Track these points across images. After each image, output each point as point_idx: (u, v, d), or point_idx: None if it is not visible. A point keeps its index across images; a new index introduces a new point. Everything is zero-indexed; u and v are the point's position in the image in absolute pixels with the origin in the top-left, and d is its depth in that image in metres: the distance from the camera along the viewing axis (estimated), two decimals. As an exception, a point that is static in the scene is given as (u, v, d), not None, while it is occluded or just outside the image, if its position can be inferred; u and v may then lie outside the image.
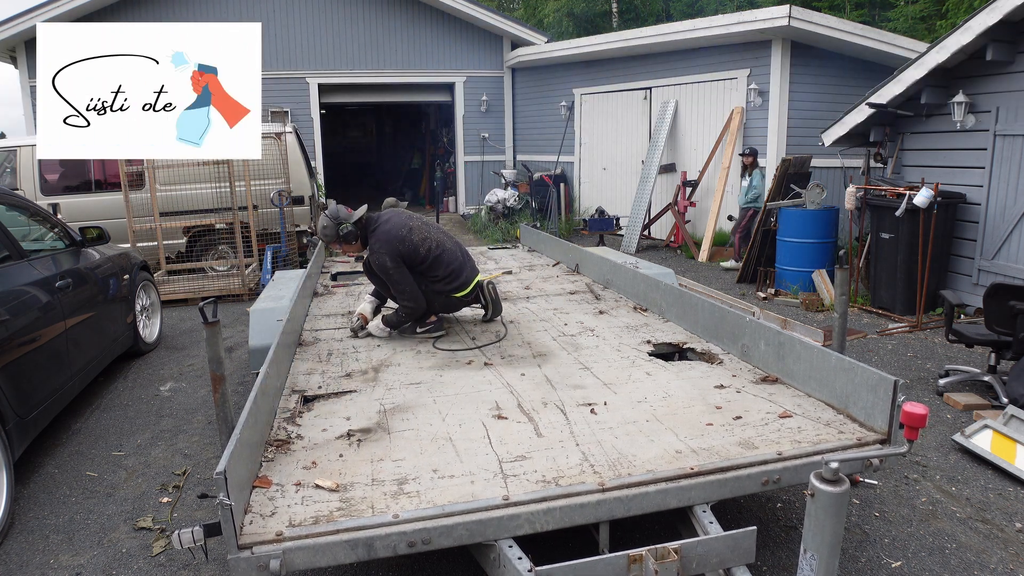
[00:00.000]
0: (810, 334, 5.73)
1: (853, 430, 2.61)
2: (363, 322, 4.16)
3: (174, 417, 4.78)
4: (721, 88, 10.40)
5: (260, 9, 12.75)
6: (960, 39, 6.33)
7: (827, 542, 1.89)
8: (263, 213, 8.95)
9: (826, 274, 7.55)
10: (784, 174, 8.44)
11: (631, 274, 4.78)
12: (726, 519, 3.08)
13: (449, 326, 4.25)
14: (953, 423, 4.37)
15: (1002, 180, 6.41)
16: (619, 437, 2.63)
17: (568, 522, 2.22)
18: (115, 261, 5.63)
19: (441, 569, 2.95)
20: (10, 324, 3.67)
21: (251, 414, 2.35)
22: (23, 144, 8.60)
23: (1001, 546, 3.11)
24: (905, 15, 14.75)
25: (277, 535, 2.02)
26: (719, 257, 10.00)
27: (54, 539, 3.31)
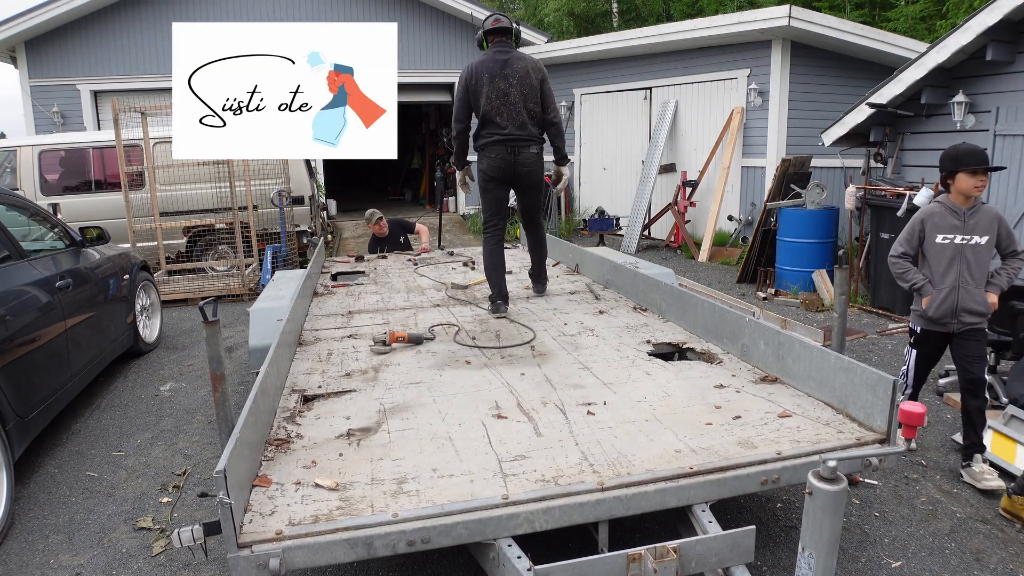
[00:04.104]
0: (810, 334, 5.72)
1: (852, 430, 2.61)
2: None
3: (174, 417, 4.78)
4: (721, 88, 10.40)
5: (260, 9, 12.75)
6: (960, 39, 6.33)
7: (825, 541, 1.89)
8: (263, 213, 8.96)
9: (826, 274, 7.55)
10: (784, 174, 8.44)
11: (631, 274, 4.78)
12: (725, 518, 3.08)
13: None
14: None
15: (1002, 180, 6.41)
16: (618, 437, 2.63)
17: (567, 521, 2.22)
18: (115, 261, 5.64)
19: (441, 568, 2.95)
20: (10, 324, 3.68)
21: (251, 413, 2.35)
22: (23, 144, 8.61)
23: (1001, 546, 3.11)
24: (905, 15, 14.73)
25: (277, 534, 2.03)
26: (719, 257, 10.00)
27: (54, 539, 3.31)
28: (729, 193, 10.22)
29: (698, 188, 10.55)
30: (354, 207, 14.90)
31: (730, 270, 9.31)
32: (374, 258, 6.95)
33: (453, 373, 3.41)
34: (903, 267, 3.74)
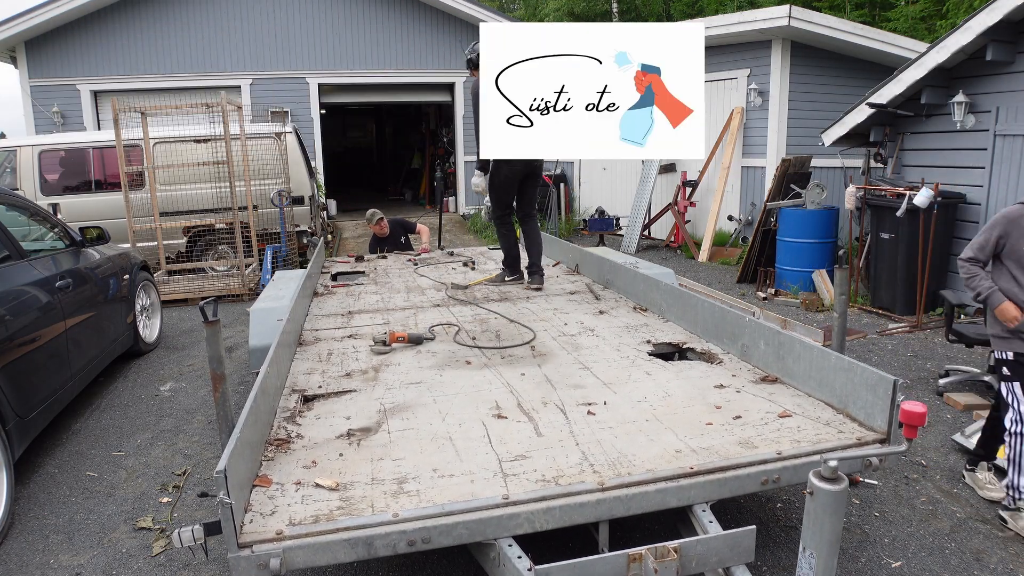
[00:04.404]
0: (810, 334, 5.73)
1: (853, 430, 2.61)
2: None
3: (174, 417, 4.78)
4: (721, 88, 10.40)
5: (260, 9, 12.75)
6: (960, 39, 6.33)
7: (826, 540, 1.89)
8: (263, 213, 8.96)
9: (826, 274, 7.55)
10: (784, 174, 8.44)
11: (631, 274, 4.78)
12: (726, 518, 3.08)
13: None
14: (953, 423, 4.37)
15: (1002, 180, 6.41)
16: (619, 436, 2.63)
17: (568, 521, 2.22)
18: (115, 261, 5.64)
19: (441, 568, 2.95)
20: (10, 324, 3.68)
21: (251, 413, 2.35)
22: (23, 144, 8.61)
23: (1001, 546, 3.11)
24: (905, 15, 14.74)
25: (277, 534, 2.02)
26: (719, 257, 10.01)
27: (54, 539, 3.31)
28: (729, 193, 10.22)
29: (698, 188, 10.56)
30: (354, 207, 14.91)
31: (730, 270, 9.31)
32: (374, 258, 6.95)
33: (453, 373, 3.41)
34: (971, 272, 3.35)
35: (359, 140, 22.93)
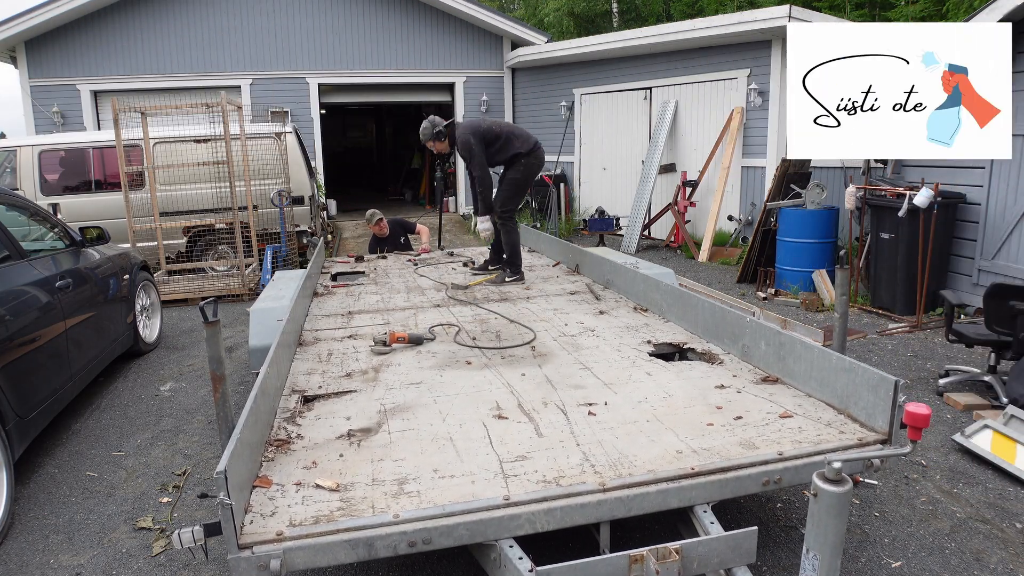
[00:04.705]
0: (810, 334, 5.72)
1: (854, 430, 2.61)
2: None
3: (174, 417, 4.78)
4: (721, 88, 10.40)
5: (260, 9, 12.74)
6: (960, 39, 6.33)
7: (830, 542, 1.89)
8: (263, 213, 8.95)
9: (826, 274, 7.55)
10: (784, 174, 8.44)
11: (631, 274, 4.78)
12: (727, 519, 3.08)
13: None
14: (953, 423, 4.37)
15: (1002, 180, 6.41)
16: (620, 437, 2.62)
17: (569, 522, 2.21)
18: (115, 261, 5.63)
19: (441, 569, 2.95)
20: (10, 324, 3.67)
21: (251, 414, 2.35)
22: (23, 144, 8.60)
23: (1001, 546, 3.10)
24: (905, 15, 14.74)
25: (277, 535, 2.02)
26: (719, 257, 10.00)
27: (54, 539, 3.31)
28: (729, 193, 10.22)
29: (698, 188, 10.55)
30: (354, 207, 14.90)
31: (730, 270, 9.31)
32: (374, 258, 6.95)
33: (454, 373, 3.41)
34: None
35: (359, 140, 22.92)
